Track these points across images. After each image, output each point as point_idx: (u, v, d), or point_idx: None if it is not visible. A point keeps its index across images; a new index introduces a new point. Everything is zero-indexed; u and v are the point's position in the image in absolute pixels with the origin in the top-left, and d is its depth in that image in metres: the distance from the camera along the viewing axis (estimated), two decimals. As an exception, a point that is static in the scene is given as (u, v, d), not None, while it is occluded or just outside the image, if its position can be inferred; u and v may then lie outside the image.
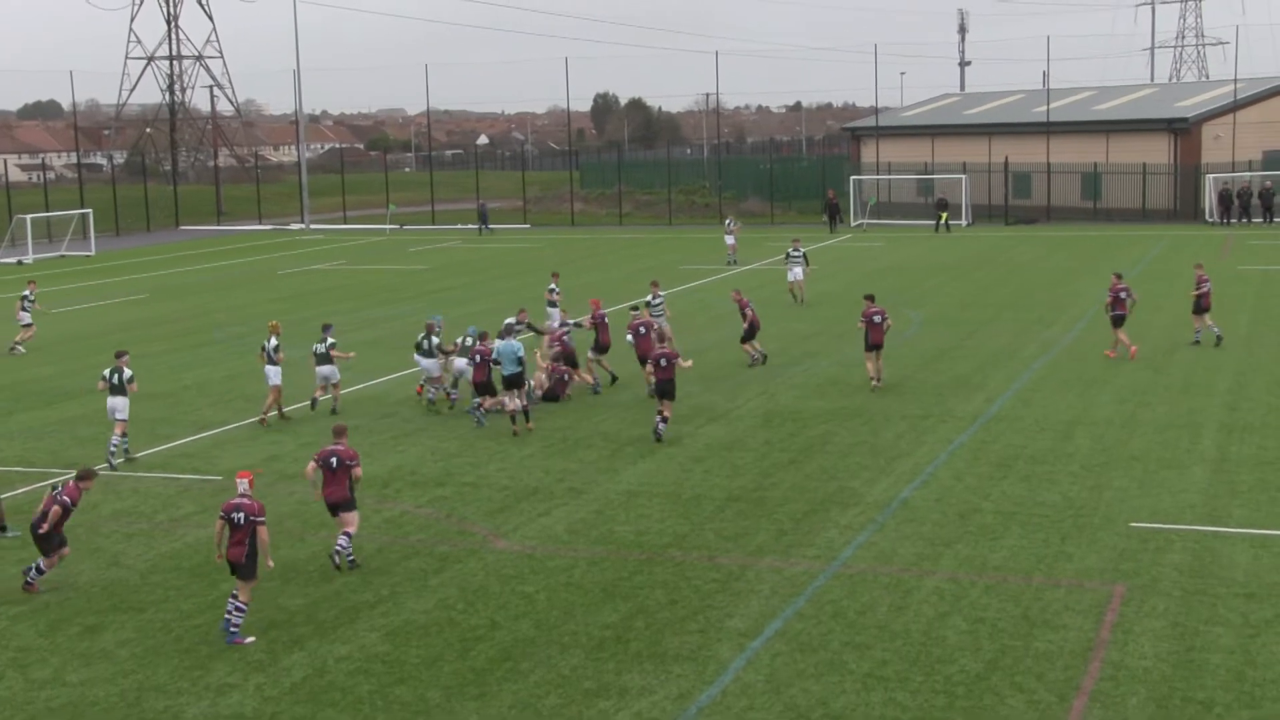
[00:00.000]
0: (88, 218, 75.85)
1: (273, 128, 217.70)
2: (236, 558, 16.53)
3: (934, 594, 17.33)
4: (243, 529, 16.50)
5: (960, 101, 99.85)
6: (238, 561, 16.55)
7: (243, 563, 16.52)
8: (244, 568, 16.55)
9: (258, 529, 16.51)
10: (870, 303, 30.51)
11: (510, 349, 27.30)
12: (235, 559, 16.55)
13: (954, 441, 25.34)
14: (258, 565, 16.64)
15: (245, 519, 16.51)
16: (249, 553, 16.51)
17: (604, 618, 16.89)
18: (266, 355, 28.40)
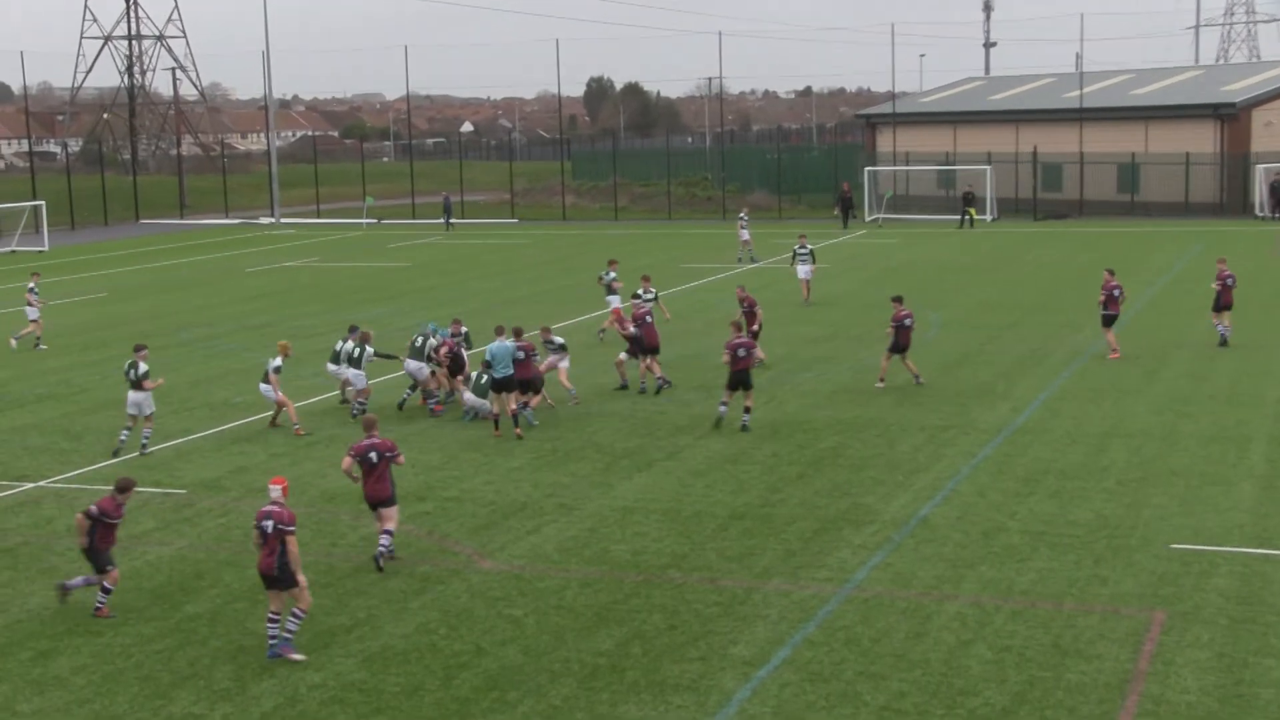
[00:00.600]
0: (40, 210, 75.91)
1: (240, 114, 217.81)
2: (268, 568, 16.56)
3: (955, 620, 17.34)
4: (272, 538, 16.54)
5: (985, 86, 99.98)
6: (268, 572, 16.58)
7: (274, 574, 16.53)
8: (277, 579, 16.55)
9: (287, 540, 16.50)
10: (899, 305, 31.40)
11: (505, 350, 27.57)
12: (266, 569, 16.59)
13: (977, 455, 25.37)
14: (293, 572, 16.58)
15: (274, 528, 16.53)
16: (280, 563, 16.49)
17: (598, 644, 16.90)
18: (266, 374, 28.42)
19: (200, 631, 17.61)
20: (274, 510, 16.66)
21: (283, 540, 16.51)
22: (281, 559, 16.51)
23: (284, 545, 16.51)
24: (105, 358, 38.16)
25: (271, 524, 16.56)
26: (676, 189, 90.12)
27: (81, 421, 30.13)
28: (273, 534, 16.54)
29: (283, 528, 16.54)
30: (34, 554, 20.93)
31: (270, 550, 16.56)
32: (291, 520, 16.65)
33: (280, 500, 16.82)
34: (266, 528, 16.57)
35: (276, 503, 16.78)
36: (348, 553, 20.58)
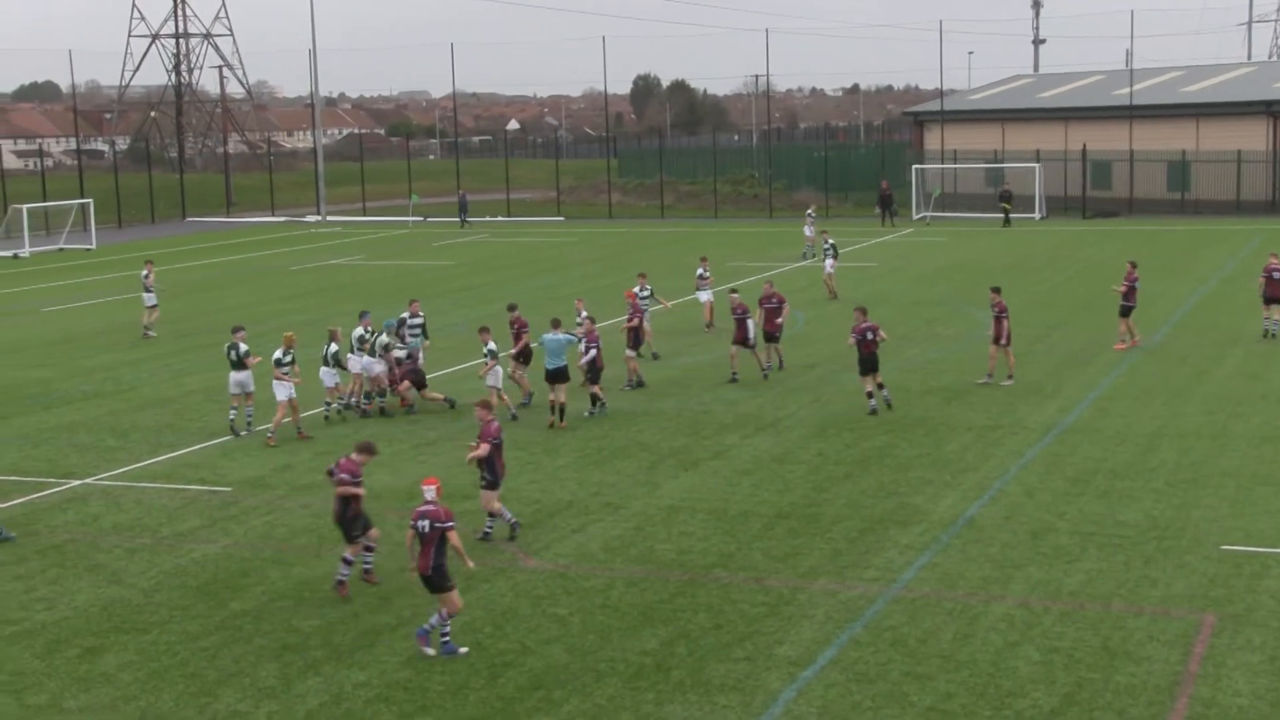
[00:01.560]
0: (88, 208, 76.52)
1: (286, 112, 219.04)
2: (423, 569, 16.54)
3: (1003, 621, 17.26)
4: (429, 537, 16.51)
5: (1034, 83, 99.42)
6: (424, 573, 16.57)
7: (429, 575, 16.52)
8: (432, 580, 16.56)
9: (447, 535, 16.52)
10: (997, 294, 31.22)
11: (557, 342, 27.96)
12: (422, 570, 16.57)
13: (1025, 454, 25.24)
14: (448, 576, 16.59)
15: (430, 526, 16.52)
16: (435, 564, 16.46)
17: (643, 643, 16.90)
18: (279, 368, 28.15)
19: (245, 629, 17.72)
20: (428, 509, 16.59)
21: (442, 536, 16.45)
22: (437, 560, 16.42)
23: (442, 542, 16.45)
24: (151, 355, 38.44)
25: (428, 523, 16.49)
26: (723, 187, 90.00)
27: (128, 419, 30.36)
28: (430, 533, 16.46)
29: (440, 525, 16.48)
30: (81, 551, 21.12)
31: (425, 551, 16.47)
32: (448, 516, 16.61)
33: (435, 499, 16.72)
34: (423, 528, 16.51)
35: (431, 502, 16.67)
36: (393, 550, 20.62)
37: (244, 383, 28.29)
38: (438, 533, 16.48)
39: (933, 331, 38.48)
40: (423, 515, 16.61)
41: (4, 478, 25.60)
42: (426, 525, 16.53)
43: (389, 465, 25.62)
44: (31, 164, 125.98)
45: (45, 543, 21.58)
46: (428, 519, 16.56)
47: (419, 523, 16.60)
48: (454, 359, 36.14)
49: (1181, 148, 76.79)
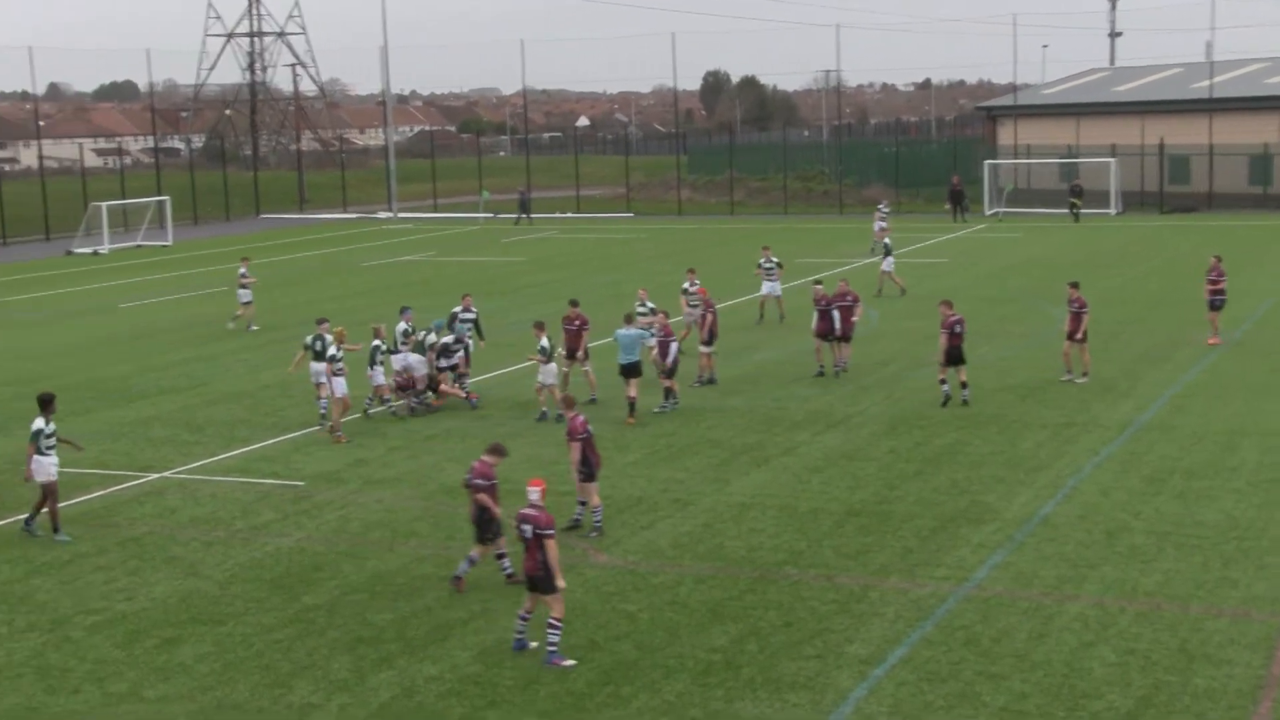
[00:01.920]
0: (165, 205, 77.41)
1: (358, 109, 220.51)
2: (532, 570, 16.34)
3: (1078, 621, 17.12)
4: (531, 542, 16.27)
5: (1109, 77, 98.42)
6: (533, 573, 16.35)
7: (539, 574, 16.28)
8: (541, 581, 16.29)
9: (545, 543, 16.21)
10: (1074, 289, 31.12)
11: (630, 337, 28.28)
12: (530, 571, 16.38)
13: (1100, 452, 25.02)
14: (552, 579, 16.29)
15: (532, 532, 16.26)
16: (544, 565, 16.25)
17: (712, 640, 16.90)
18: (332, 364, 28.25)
19: (319, 622, 17.88)
20: (530, 514, 16.36)
21: (541, 544, 16.23)
22: (544, 562, 16.25)
23: (544, 549, 16.21)
24: (225, 351, 38.84)
25: (530, 528, 16.27)
26: (793, 183, 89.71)
27: (203, 413, 30.69)
28: (533, 539, 16.26)
29: (540, 531, 16.20)
30: (159, 543, 21.39)
31: (531, 553, 16.31)
32: (550, 523, 16.30)
33: (538, 502, 16.49)
34: (526, 532, 16.32)
35: (535, 505, 16.45)
36: (465, 545, 20.72)
37: (320, 372, 28.74)
38: (539, 539, 16.24)
39: (1005, 328, 38.19)
40: (525, 519, 16.36)
41: (86, 471, 25.94)
42: (529, 530, 16.29)
43: (461, 460, 25.72)
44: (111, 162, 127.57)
45: (125, 535, 21.87)
46: (530, 524, 16.30)
47: (522, 526, 16.37)
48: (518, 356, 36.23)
49: (1264, 141, 75.68)
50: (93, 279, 59.80)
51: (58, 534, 21.71)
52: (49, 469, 21.68)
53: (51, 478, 21.69)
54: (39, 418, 21.76)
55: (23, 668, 16.70)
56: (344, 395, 28.04)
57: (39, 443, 21.60)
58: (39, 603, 18.93)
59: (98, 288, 56.31)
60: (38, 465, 21.61)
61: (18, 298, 53.43)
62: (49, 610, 18.63)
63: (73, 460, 26.73)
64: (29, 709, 15.57)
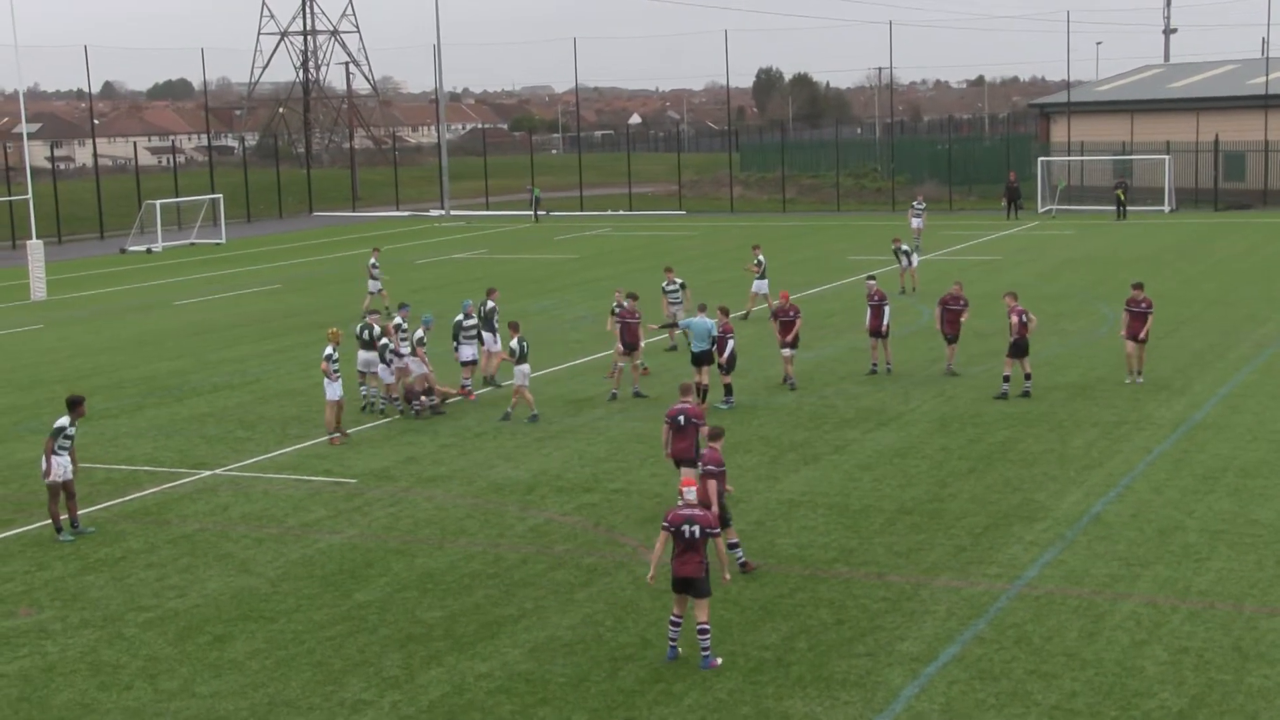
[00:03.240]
0: (218, 203, 77.97)
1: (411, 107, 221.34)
2: (693, 572, 15.84)
3: (1130, 620, 17.00)
4: (698, 544, 15.86)
5: (1164, 74, 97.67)
6: (694, 576, 15.85)
7: (701, 577, 15.85)
8: (700, 584, 15.88)
9: (715, 541, 16.02)
10: (1138, 291, 30.38)
11: (703, 325, 28.84)
12: (691, 574, 15.86)
13: (1153, 451, 24.83)
14: (707, 584, 15.96)
15: (701, 533, 15.85)
16: (706, 569, 15.90)
17: (763, 638, 16.88)
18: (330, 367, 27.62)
19: (370, 619, 17.96)
20: (695, 514, 15.89)
21: (707, 544, 15.88)
22: (705, 563, 15.87)
23: (707, 550, 15.88)
24: (279, 348, 39.08)
25: (697, 529, 15.81)
26: (845, 180, 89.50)
27: (256, 410, 30.89)
28: (700, 539, 15.80)
29: (710, 531, 15.84)
30: (211, 540, 21.54)
31: (693, 557, 15.82)
32: (715, 522, 16.03)
33: (695, 501, 16.05)
34: (692, 533, 15.82)
35: (692, 504, 15.99)
36: (515, 543, 20.80)
37: (370, 362, 29.27)
38: (706, 539, 15.84)
39: (1058, 326, 37.95)
40: (688, 520, 15.85)
41: (139, 467, 26.18)
42: (697, 531, 15.80)
43: (510, 457, 25.83)
44: (164, 160, 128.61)
45: (177, 532, 22.04)
46: (697, 524, 15.81)
47: (684, 527, 15.84)
48: (576, 352, 36.31)
49: (1322, 137, 74.92)
50: (146, 277, 60.30)
51: (60, 533, 21.77)
52: (62, 468, 21.68)
53: (63, 477, 21.69)
54: (64, 417, 21.84)
55: (77, 664, 16.86)
56: (336, 400, 27.40)
57: (57, 440, 21.63)
58: (92, 599, 19.11)
59: (151, 285, 56.79)
60: (55, 463, 21.64)
61: (73, 295, 53.95)
62: (102, 607, 18.80)
63: (125, 456, 27.03)
64: (82, 705, 15.71)
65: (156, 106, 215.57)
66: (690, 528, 15.86)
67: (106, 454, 27.28)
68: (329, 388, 27.39)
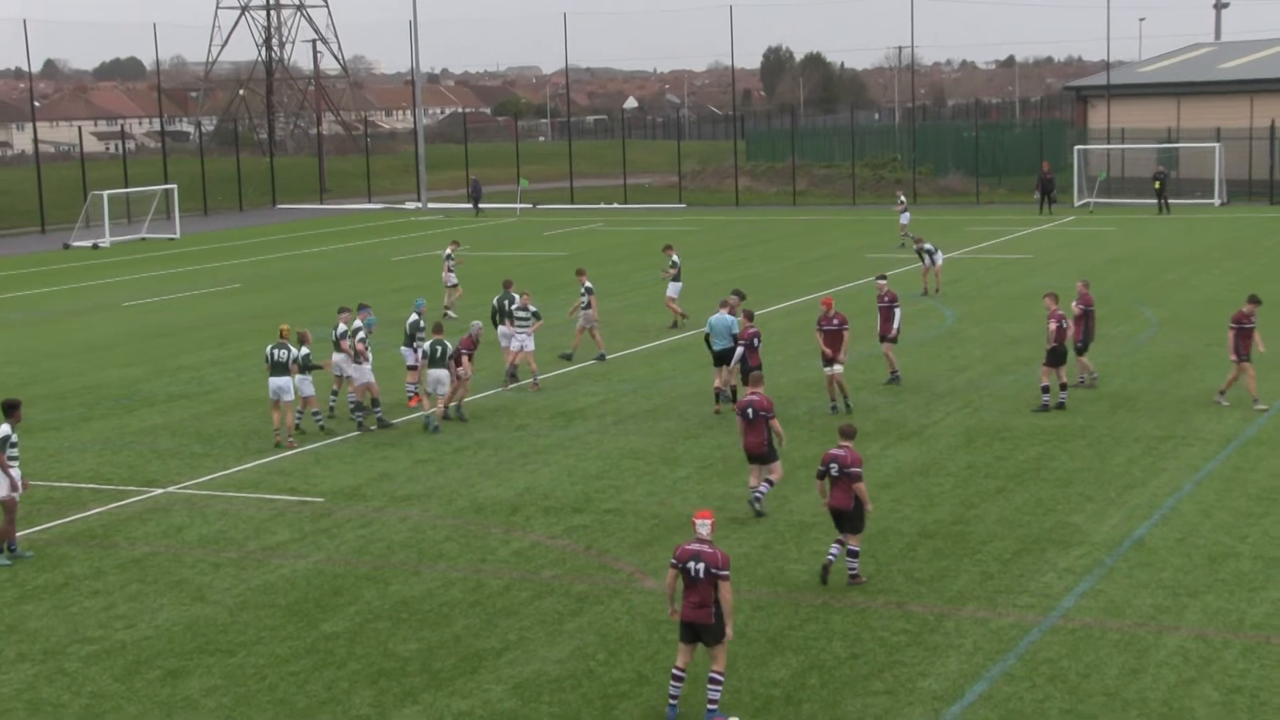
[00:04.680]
0: (172, 194, 78.01)
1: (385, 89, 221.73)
2: (700, 618, 15.50)
3: (1177, 655, 17.01)
4: (702, 584, 15.50)
5: (1214, 53, 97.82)
6: (698, 621, 15.53)
7: (708, 624, 15.50)
8: (710, 629, 15.53)
9: (720, 584, 15.48)
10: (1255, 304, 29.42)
11: (724, 323, 29.58)
12: (698, 619, 15.52)
13: (1201, 469, 24.85)
14: (723, 627, 15.58)
15: (705, 571, 15.47)
16: (716, 612, 15.50)
17: (771, 673, 16.88)
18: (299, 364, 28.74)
19: (338, 653, 17.95)
20: (703, 550, 15.54)
21: (715, 586, 15.46)
22: (716, 606, 15.47)
23: (716, 592, 15.46)
24: (239, 354, 39.07)
25: (702, 567, 15.45)
26: (862, 171, 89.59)
27: (214, 423, 30.89)
28: (704, 580, 15.44)
29: (716, 571, 15.41)
30: (163, 565, 21.52)
31: (700, 599, 15.48)
32: (725, 563, 15.52)
33: (709, 537, 15.72)
34: (695, 570, 15.51)
35: (704, 540, 15.67)
36: (498, 569, 20.80)
37: (440, 379, 29.37)
38: (712, 580, 15.46)
39: (1098, 331, 37.94)
40: (695, 556, 15.52)
41: (83, 485, 26.17)
42: (701, 570, 15.47)
43: (494, 475, 25.84)
44: (112, 147, 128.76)
45: (125, 556, 22.02)
46: (703, 562, 15.47)
47: (691, 564, 15.53)
48: (554, 362, 36.32)
49: (1392, 121, 75.02)
50: (93, 274, 60.32)
51: None
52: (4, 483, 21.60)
53: (4, 494, 21.58)
54: (3, 424, 21.67)
55: (12, 703, 16.83)
56: (311, 395, 29.10)
57: (5, 452, 21.57)
58: (30, 630, 19.08)
59: (98, 284, 56.80)
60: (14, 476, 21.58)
61: (10, 295, 53.95)
62: (41, 639, 18.77)
63: (68, 473, 27.02)
64: (22, 745, 15.69)
65: (104, 87, 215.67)
66: (695, 565, 15.54)
67: (48, 470, 27.28)
68: (304, 386, 28.70)
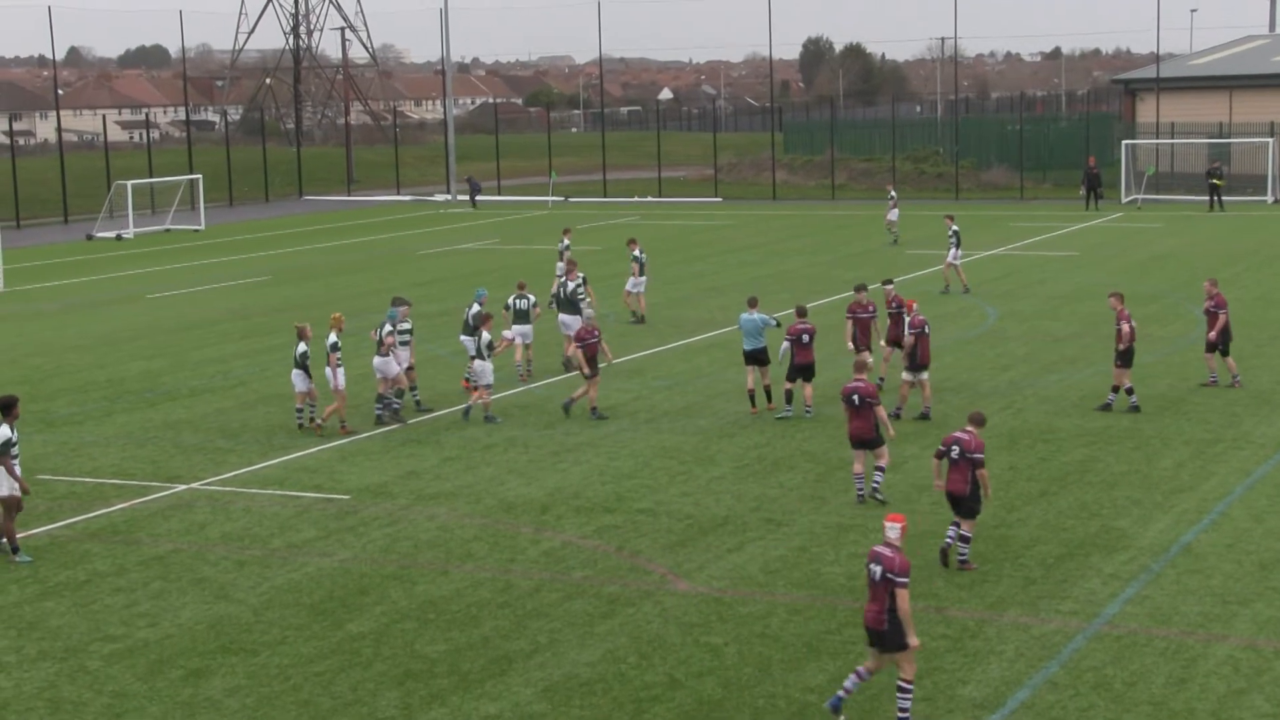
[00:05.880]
0: (197, 184, 78.22)
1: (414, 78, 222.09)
2: (875, 622, 15.54)
3: (1226, 664, 16.93)
4: (879, 588, 15.49)
5: (1269, 45, 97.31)
6: (875, 626, 15.55)
7: (883, 630, 15.45)
8: (885, 636, 15.46)
9: (896, 591, 15.37)
10: None
11: (753, 322, 29.56)
12: (873, 623, 15.57)
13: (1252, 474, 24.73)
14: (901, 635, 15.45)
15: (881, 575, 15.47)
16: (891, 618, 15.41)
17: (807, 678, 16.85)
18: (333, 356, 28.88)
19: (364, 653, 17.98)
20: (883, 554, 15.51)
21: (891, 593, 15.42)
22: (891, 613, 15.43)
23: (892, 599, 15.40)
24: (266, 347, 39.17)
25: (879, 570, 15.47)
26: (903, 165, 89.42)
27: (239, 418, 30.97)
28: (880, 583, 15.47)
29: (891, 577, 15.34)
30: (186, 563, 21.59)
31: (878, 602, 15.47)
32: (904, 569, 15.41)
33: (895, 542, 15.59)
34: (873, 573, 15.55)
35: (890, 544, 15.59)
36: (528, 569, 20.81)
37: (482, 373, 29.66)
38: (888, 585, 15.38)
39: (1145, 331, 37.74)
40: (875, 558, 15.56)
41: (106, 481, 26.28)
42: (879, 573, 15.45)
43: (524, 473, 25.86)
44: (137, 136, 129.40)
45: (148, 553, 22.11)
46: (880, 565, 15.46)
47: (871, 565, 15.59)
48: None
49: None
50: (117, 266, 60.56)
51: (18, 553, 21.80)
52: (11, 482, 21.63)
53: (9, 492, 21.62)
54: (2, 425, 21.51)
55: (33, 701, 16.91)
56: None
57: (8, 455, 21.49)
58: (52, 628, 19.17)
59: (122, 276, 57.01)
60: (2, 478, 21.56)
61: (33, 286, 54.21)
62: (63, 637, 18.86)
63: (90, 468, 27.13)
64: (42, 744, 15.76)
65: (128, 76, 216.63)
66: (874, 567, 15.50)
67: (70, 465, 27.41)
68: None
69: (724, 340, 37.14)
